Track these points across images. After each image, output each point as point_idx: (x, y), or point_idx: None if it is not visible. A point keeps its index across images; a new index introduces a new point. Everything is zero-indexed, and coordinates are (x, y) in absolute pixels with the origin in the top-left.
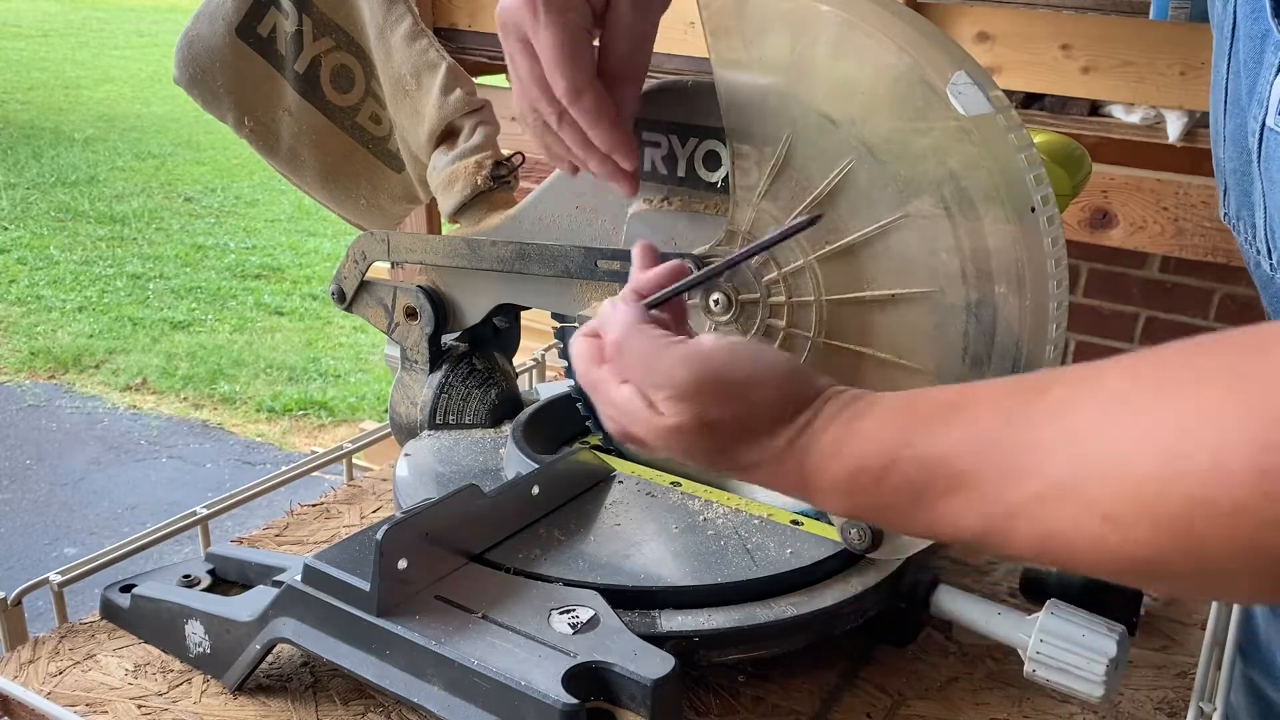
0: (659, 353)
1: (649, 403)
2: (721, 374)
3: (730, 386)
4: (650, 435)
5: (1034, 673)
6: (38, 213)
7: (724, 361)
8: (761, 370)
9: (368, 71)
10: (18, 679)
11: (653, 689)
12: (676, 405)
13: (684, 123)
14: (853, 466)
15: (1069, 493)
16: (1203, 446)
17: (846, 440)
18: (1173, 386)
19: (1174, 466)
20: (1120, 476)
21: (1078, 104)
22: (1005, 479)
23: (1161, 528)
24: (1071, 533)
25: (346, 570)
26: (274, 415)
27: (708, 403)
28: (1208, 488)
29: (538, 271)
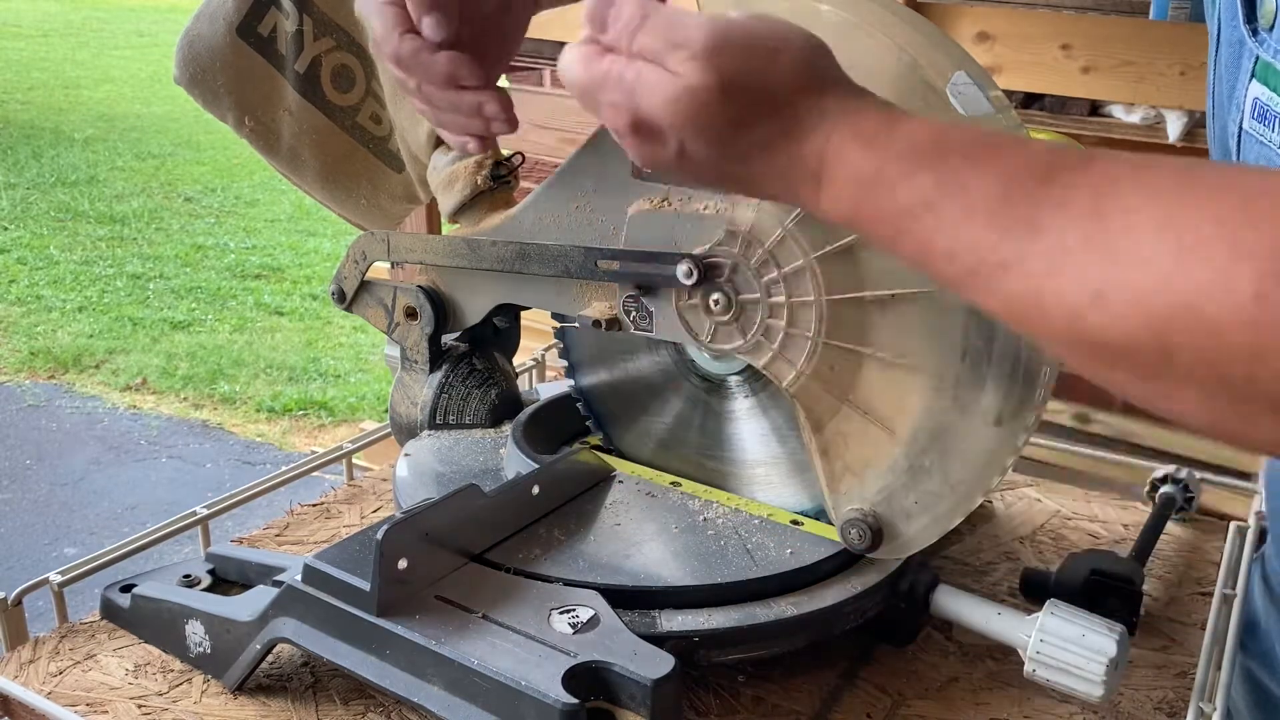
0: (679, 17)
1: (666, 68)
2: (746, 34)
3: (754, 47)
4: (664, 106)
5: (1034, 673)
6: (38, 213)
7: (748, 24)
8: (789, 38)
9: (368, 71)
10: (18, 679)
11: (653, 689)
12: (697, 63)
13: None
14: (877, 164)
15: (1072, 260)
16: (1214, 256)
17: (881, 136)
18: (1209, 193)
19: (1180, 268)
20: (1127, 261)
21: (1078, 104)
22: (1016, 227)
23: (1145, 322)
24: (1054, 299)
25: (346, 570)
26: (274, 415)
27: (731, 61)
28: (1202, 297)
29: (538, 271)
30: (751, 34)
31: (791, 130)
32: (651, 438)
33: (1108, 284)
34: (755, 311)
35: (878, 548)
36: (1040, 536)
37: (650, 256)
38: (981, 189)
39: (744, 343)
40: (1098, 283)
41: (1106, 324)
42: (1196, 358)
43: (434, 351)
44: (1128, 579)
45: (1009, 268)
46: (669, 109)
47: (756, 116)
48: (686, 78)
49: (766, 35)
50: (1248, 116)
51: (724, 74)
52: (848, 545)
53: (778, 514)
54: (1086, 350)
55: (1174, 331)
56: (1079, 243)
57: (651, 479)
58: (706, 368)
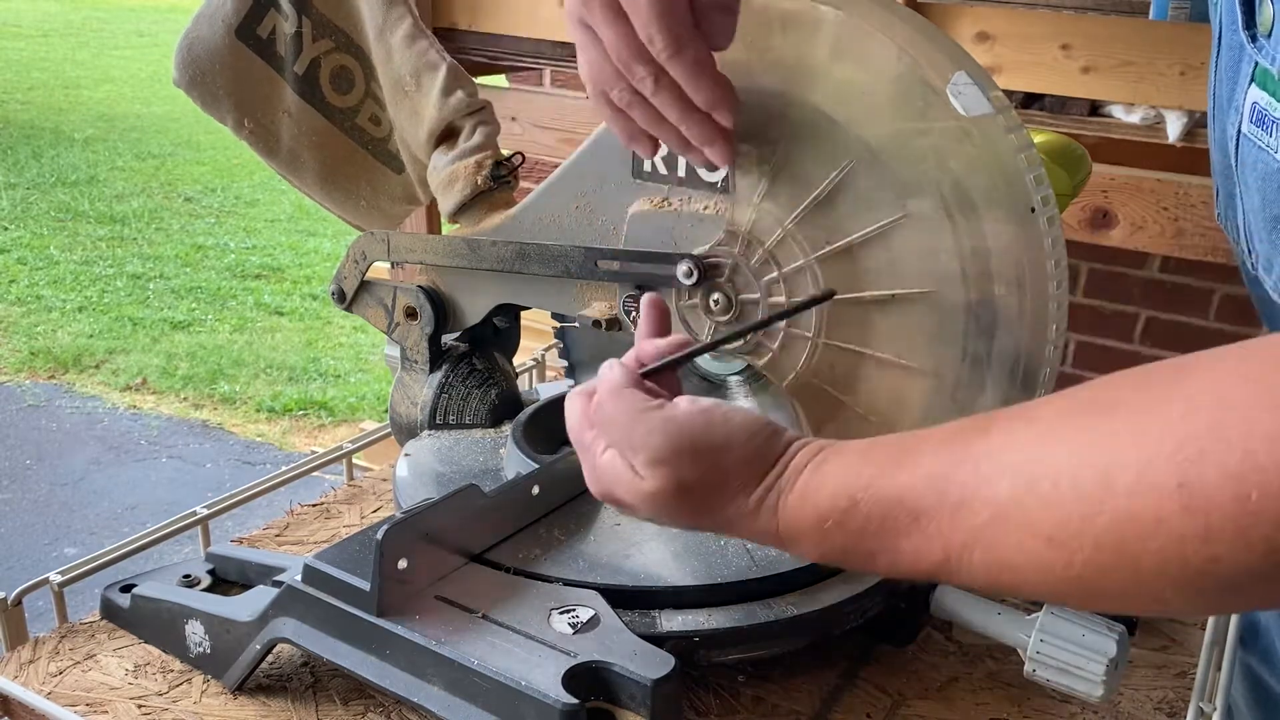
0: (636, 418)
1: (630, 466)
2: (695, 440)
3: (703, 451)
4: (631, 498)
5: (1034, 672)
6: (38, 213)
7: (697, 427)
8: (733, 433)
9: (367, 73)
10: (18, 679)
11: (653, 689)
12: (654, 470)
13: None
14: (818, 512)
15: (1014, 518)
16: (1128, 467)
17: (812, 489)
18: (1101, 414)
19: (1104, 484)
20: (1057, 498)
21: (1078, 104)
22: (957, 512)
23: (1097, 546)
24: (1019, 557)
25: (346, 570)
26: (274, 415)
27: (683, 467)
28: (1134, 501)
29: (538, 271)
30: (701, 435)
31: (746, 510)
32: None
33: (1052, 525)
34: (755, 311)
35: None
36: None
37: (650, 256)
38: (914, 493)
39: (744, 343)
40: (1044, 528)
41: (1069, 560)
42: (1158, 559)
43: (434, 351)
44: None
45: (970, 548)
46: (635, 502)
47: (712, 506)
48: (646, 482)
49: (715, 435)
50: (1246, 121)
51: (679, 480)
52: None
53: None
54: (1069, 590)
55: (1127, 542)
56: (1010, 500)
57: None
58: (706, 368)
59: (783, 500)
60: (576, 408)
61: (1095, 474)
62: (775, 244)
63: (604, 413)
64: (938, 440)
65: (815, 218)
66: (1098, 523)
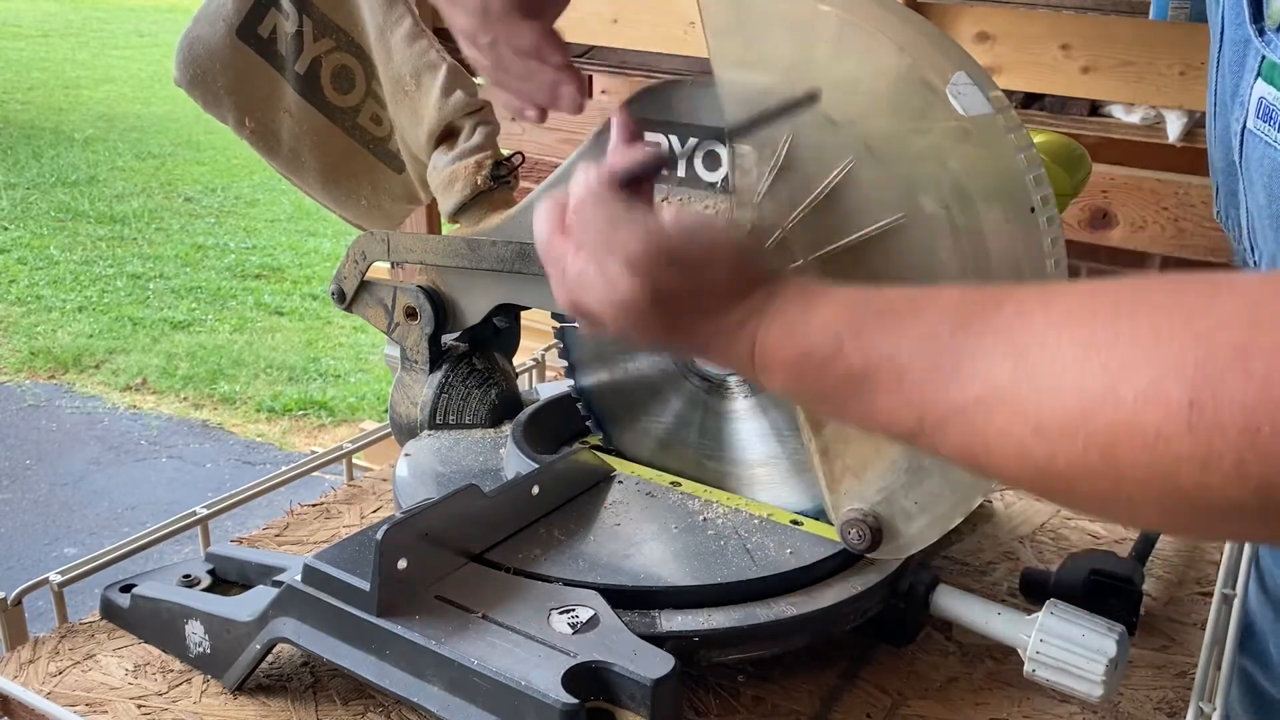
0: (616, 221)
1: (603, 272)
2: (677, 248)
3: (685, 261)
4: (602, 307)
5: (1034, 672)
6: (38, 213)
7: (680, 235)
8: (717, 247)
9: (368, 72)
10: (18, 679)
11: (652, 689)
12: (630, 275)
13: (684, 123)
14: (802, 350)
15: (1006, 401)
16: (1141, 372)
17: (799, 324)
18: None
19: (1111, 388)
20: (1057, 391)
21: (1078, 104)
22: (946, 381)
23: (1087, 447)
24: (1000, 441)
25: (346, 570)
26: (274, 415)
27: (661, 275)
28: (1138, 412)
29: (538, 271)
30: (684, 244)
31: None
32: (651, 438)
33: (1044, 416)
34: None
35: (877, 548)
36: (1040, 536)
37: None
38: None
39: None
40: (1034, 417)
41: (1053, 453)
42: (1147, 473)
43: (434, 351)
44: (1128, 579)
45: (948, 421)
46: (605, 311)
47: (689, 321)
48: (619, 289)
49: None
50: (1252, 116)
51: (656, 288)
52: (847, 545)
53: (777, 514)
54: (1042, 483)
55: (1119, 449)
56: (1007, 382)
57: (651, 479)
58: (706, 368)
59: (764, 328)
60: (547, 214)
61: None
62: (775, 244)
63: (581, 216)
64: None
65: (815, 218)
66: (1094, 424)
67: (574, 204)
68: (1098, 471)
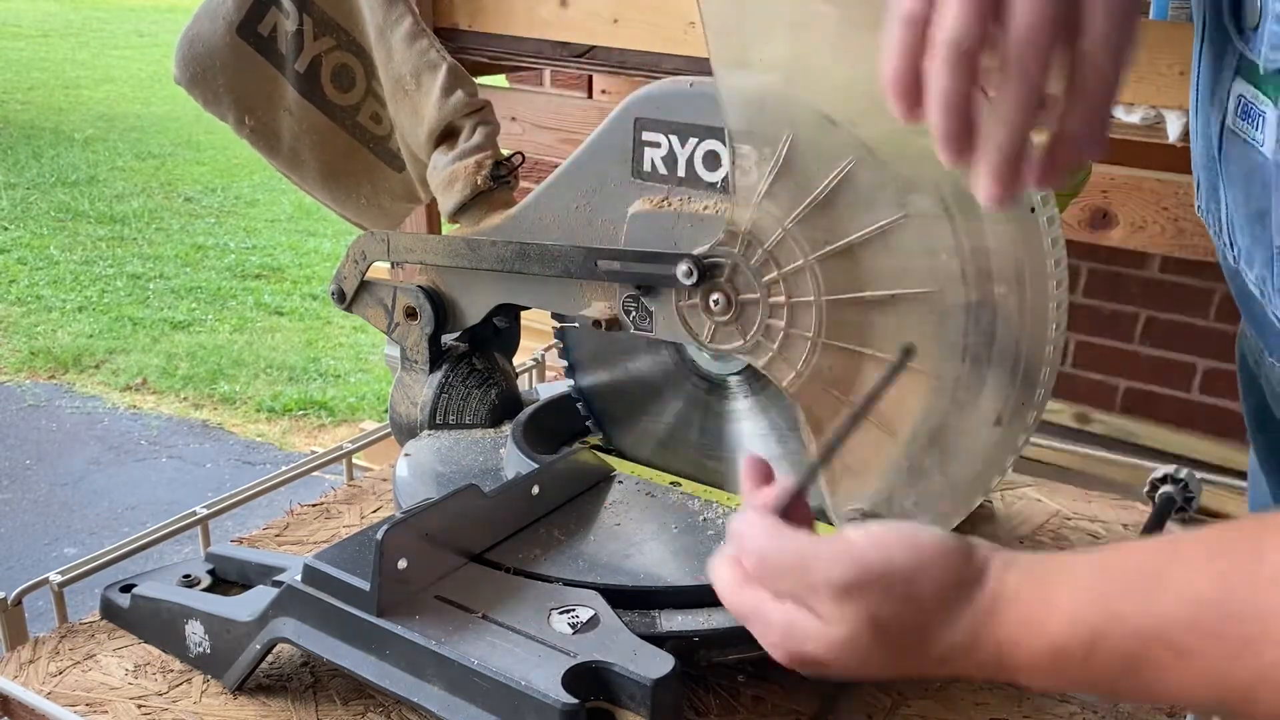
0: (809, 555)
1: (812, 612)
2: (880, 567)
3: (893, 580)
4: (823, 649)
5: None
6: (38, 213)
7: (879, 551)
8: (923, 556)
9: (368, 71)
10: (18, 679)
11: (652, 689)
12: (841, 608)
13: (684, 123)
14: (1054, 645)
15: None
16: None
17: (1042, 618)
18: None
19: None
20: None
21: None
22: (1239, 650)
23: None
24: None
25: (346, 570)
26: (274, 415)
27: (873, 599)
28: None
29: (538, 271)
30: (886, 559)
31: (955, 646)
32: (651, 437)
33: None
34: (755, 311)
35: None
36: (1040, 536)
37: (650, 256)
38: (1177, 628)
39: (744, 343)
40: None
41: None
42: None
43: (434, 351)
44: None
45: (1257, 689)
46: (828, 654)
47: (915, 646)
48: (839, 627)
49: (901, 558)
50: (1231, 114)
51: (873, 614)
52: None
53: None
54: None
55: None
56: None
57: (651, 479)
58: (706, 368)
59: (1005, 630)
60: (727, 573)
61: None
62: (775, 244)
63: (768, 562)
64: (1197, 558)
65: (815, 217)
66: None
67: (749, 550)
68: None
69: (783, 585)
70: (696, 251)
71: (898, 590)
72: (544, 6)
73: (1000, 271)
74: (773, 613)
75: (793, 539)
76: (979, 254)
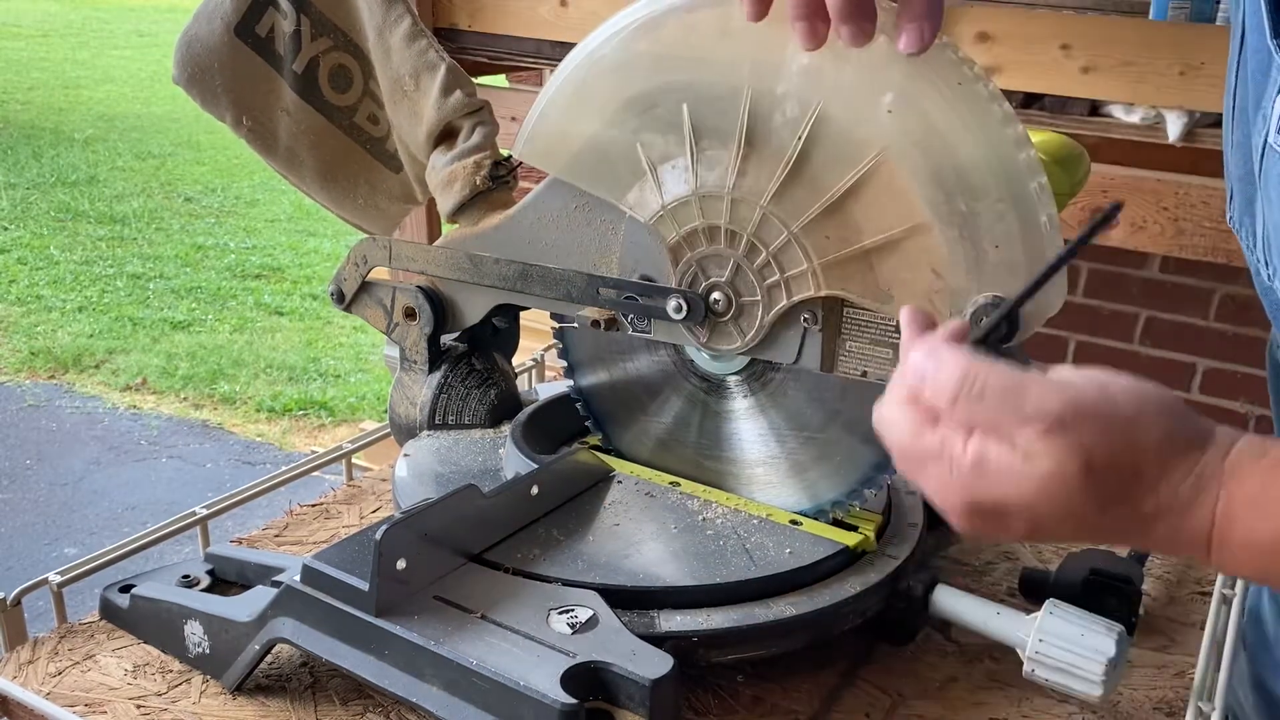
0: (1023, 385)
1: (1014, 448)
2: (1101, 401)
3: (1112, 416)
4: (1019, 490)
5: (1033, 672)
6: (38, 213)
7: (1099, 390)
8: (1146, 401)
9: (366, 71)
10: (17, 679)
11: (651, 689)
12: (1054, 441)
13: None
14: (1276, 533)
15: None
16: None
17: (1268, 501)
18: None
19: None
20: None
21: (1078, 104)
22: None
23: None
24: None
25: (345, 570)
26: (274, 415)
27: (1091, 436)
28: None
29: (539, 293)
30: (1107, 399)
31: (1170, 505)
32: (650, 438)
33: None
34: (755, 310)
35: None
36: None
37: (648, 289)
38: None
39: (742, 344)
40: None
41: None
42: None
43: (433, 352)
44: (1127, 579)
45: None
46: (1023, 496)
47: (1126, 495)
48: (1043, 461)
49: (1122, 399)
50: (1274, 131)
51: (1087, 452)
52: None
53: (777, 514)
54: None
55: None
56: None
57: (650, 479)
58: (705, 368)
59: (1231, 497)
60: (903, 415)
61: None
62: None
63: (969, 388)
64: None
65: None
66: None
67: (941, 380)
68: None
69: (983, 415)
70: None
71: (1119, 429)
72: (544, 6)
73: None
74: (961, 451)
75: (1004, 369)
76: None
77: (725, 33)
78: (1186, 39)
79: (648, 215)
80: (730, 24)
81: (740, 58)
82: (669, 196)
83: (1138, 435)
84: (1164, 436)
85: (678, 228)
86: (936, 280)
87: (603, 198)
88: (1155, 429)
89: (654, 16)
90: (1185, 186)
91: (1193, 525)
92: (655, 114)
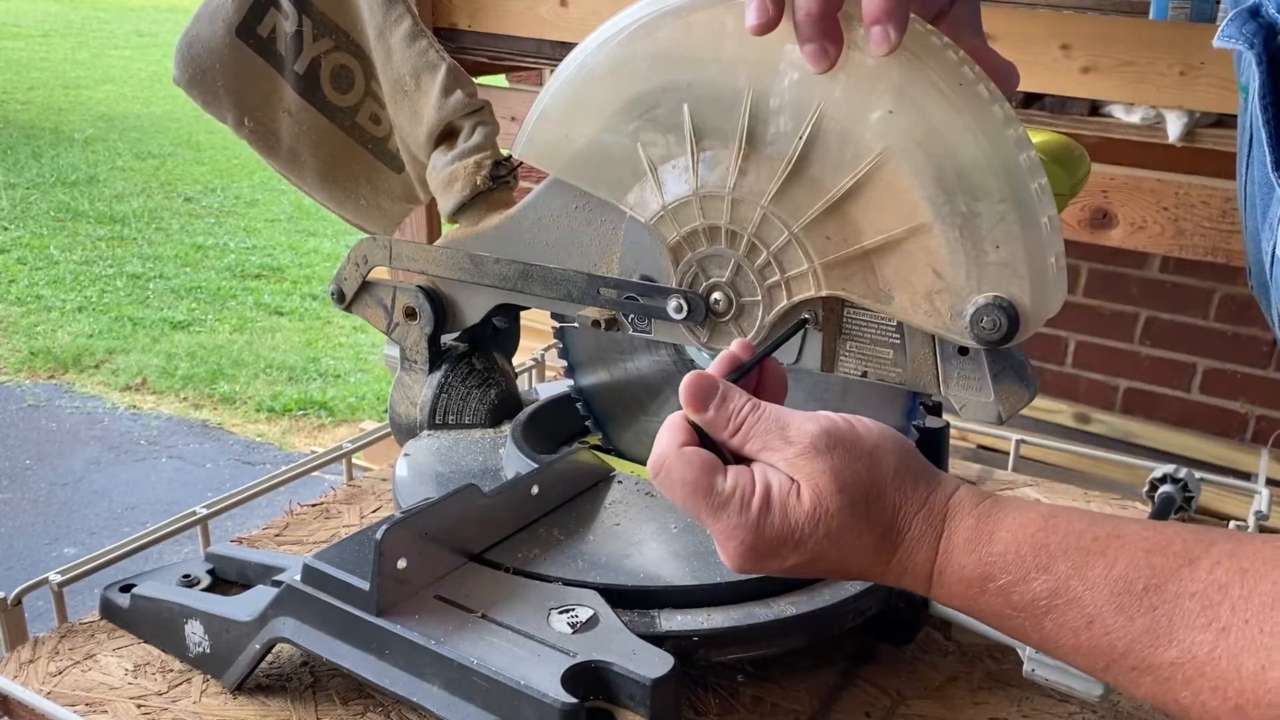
0: (782, 415)
1: (785, 475)
2: (848, 430)
3: (856, 442)
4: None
5: (1033, 672)
6: (38, 213)
7: (848, 421)
8: (885, 434)
9: (367, 72)
10: (18, 679)
11: (652, 688)
12: (812, 462)
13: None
14: (983, 569)
15: (1204, 675)
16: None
17: (981, 540)
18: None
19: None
20: (1262, 678)
21: (1078, 104)
22: (1143, 636)
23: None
24: (1192, 704)
25: (346, 570)
26: (274, 415)
27: (840, 459)
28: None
29: (540, 293)
30: (852, 430)
31: (898, 539)
32: (650, 437)
33: (1245, 697)
34: (755, 309)
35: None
36: None
37: (648, 289)
38: (1096, 600)
39: None
40: (1235, 697)
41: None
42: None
43: (433, 351)
44: None
45: (1141, 674)
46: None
47: (866, 520)
48: (806, 484)
49: (863, 430)
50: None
51: (840, 475)
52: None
53: None
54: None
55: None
56: (1206, 657)
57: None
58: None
59: (950, 536)
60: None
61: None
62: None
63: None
64: (1133, 550)
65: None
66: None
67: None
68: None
69: (752, 444)
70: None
71: (864, 455)
72: (544, 6)
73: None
74: (750, 484)
75: (765, 409)
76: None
77: (726, 33)
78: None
79: (648, 215)
80: (731, 25)
81: (741, 58)
82: (669, 196)
83: (879, 461)
84: (901, 467)
85: (678, 228)
86: (937, 280)
87: (603, 198)
88: (892, 458)
89: (655, 17)
90: (1185, 186)
91: (917, 560)
92: (656, 114)
